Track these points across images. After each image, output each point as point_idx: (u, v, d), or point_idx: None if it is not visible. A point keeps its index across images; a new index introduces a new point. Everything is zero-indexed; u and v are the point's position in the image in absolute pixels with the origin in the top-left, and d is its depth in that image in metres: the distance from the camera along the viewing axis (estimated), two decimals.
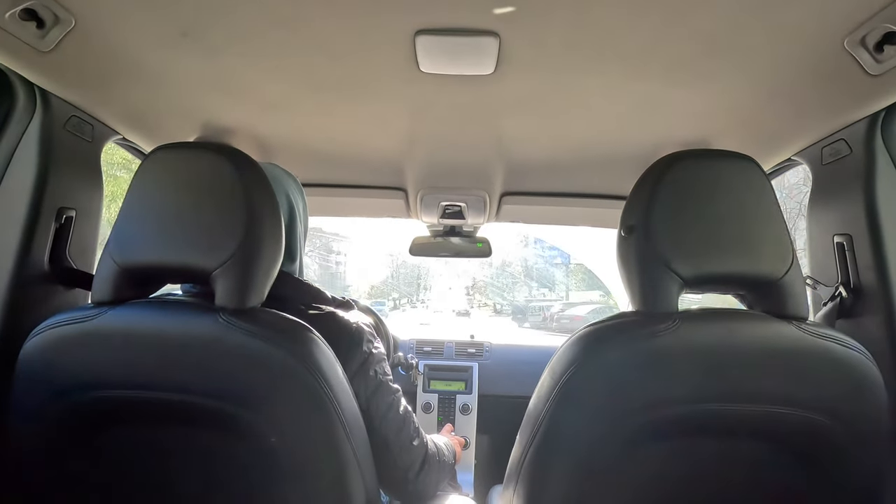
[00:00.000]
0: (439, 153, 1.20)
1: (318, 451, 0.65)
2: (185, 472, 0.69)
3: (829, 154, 0.92)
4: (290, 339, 0.64)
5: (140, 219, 0.67)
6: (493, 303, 12.33)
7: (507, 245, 11.03)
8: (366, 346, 0.80)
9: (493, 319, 11.13)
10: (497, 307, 12.32)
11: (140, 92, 0.90)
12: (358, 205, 1.56)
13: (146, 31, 0.74)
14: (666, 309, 0.65)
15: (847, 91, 0.79)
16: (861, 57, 0.71)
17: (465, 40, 0.72)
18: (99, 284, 0.68)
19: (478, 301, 12.58)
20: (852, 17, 0.66)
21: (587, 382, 0.64)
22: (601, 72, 0.81)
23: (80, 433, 0.66)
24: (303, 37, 0.74)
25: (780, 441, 0.66)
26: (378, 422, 0.79)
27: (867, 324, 0.83)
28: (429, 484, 0.87)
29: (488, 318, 11.70)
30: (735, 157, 0.68)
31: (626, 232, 0.69)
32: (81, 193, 0.89)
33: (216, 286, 0.65)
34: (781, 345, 0.64)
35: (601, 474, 0.65)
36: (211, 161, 0.66)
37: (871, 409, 0.64)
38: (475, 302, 12.59)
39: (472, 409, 1.67)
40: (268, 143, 1.16)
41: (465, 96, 0.90)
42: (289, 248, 0.86)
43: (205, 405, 0.63)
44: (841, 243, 0.88)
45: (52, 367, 0.65)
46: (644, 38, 0.72)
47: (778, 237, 0.66)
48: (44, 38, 0.71)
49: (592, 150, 1.14)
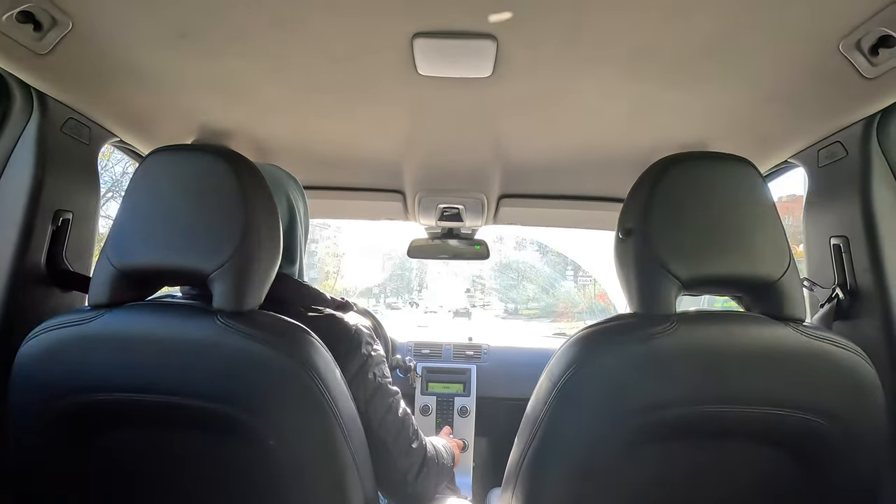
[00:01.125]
0: (437, 156, 1.20)
1: (316, 454, 0.65)
2: (183, 475, 0.69)
3: (825, 156, 0.92)
4: (288, 342, 0.64)
5: (137, 221, 0.67)
6: (503, 304, 11.56)
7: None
8: (364, 349, 0.79)
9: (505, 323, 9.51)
10: (511, 308, 11.37)
11: (137, 94, 0.90)
12: (356, 207, 1.56)
13: (143, 33, 0.74)
14: (664, 311, 0.65)
15: (843, 94, 0.80)
16: (856, 60, 0.71)
17: (463, 43, 0.72)
18: (96, 287, 0.67)
19: (481, 301, 12.06)
20: (847, 21, 0.66)
21: (585, 384, 0.64)
22: (598, 74, 0.81)
23: (78, 436, 0.66)
24: (301, 39, 0.74)
25: (778, 443, 0.66)
26: (377, 424, 0.79)
27: (864, 325, 0.84)
28: (427, 486, 0.87)
29: (500, 320, 10.06)
30: (732, 159, 0.68)
31: (623, 234, 0.69)
32: (78, 196, 0.89)
33: (214, 289, 0.65)
34: (779, 347, 0.64)
35: (600, 476, 0.65)
36: (209, 163, 0.66)
37: (868, 410, 0.64)
38: (477, 301, 12.07)
39: (470, 411, 1.67)
40: (266, 146, 1.16)
41: (463, 99, 0.90)
42: (289, 250, 0.85)
43: (202, 408, 0.63)
44: (837, 245, 0.88)
45: (49, 371, 0.64)
46: (641, 41, 0.72)
47: (775, 239, 0.66)
48: (41, 41, 0.71)
49: (590, 152, 1.14)
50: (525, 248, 9.53)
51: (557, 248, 6.50)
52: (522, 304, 10.54)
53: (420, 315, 10.17)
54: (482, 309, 11.78)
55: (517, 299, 10.81)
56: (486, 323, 8.99)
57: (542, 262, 9.13)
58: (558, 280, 8.73)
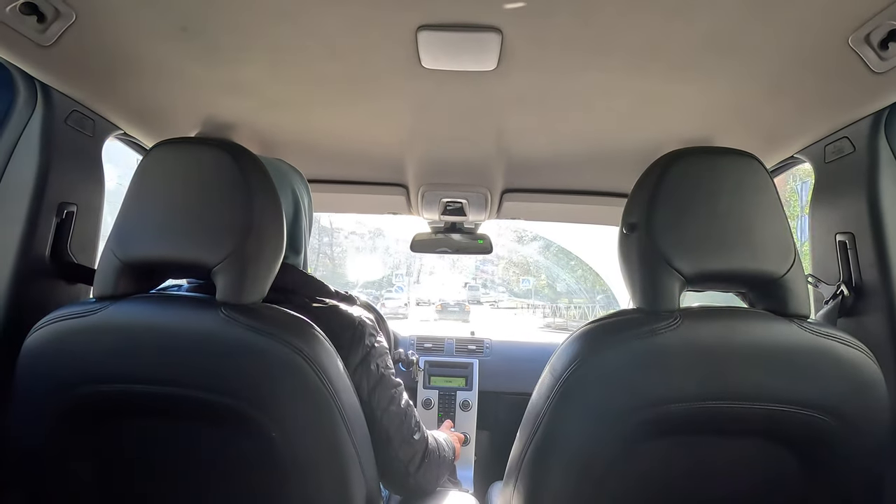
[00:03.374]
0: (441, 149, 1.19)
1: (318, 446, 0.65)
2: (186, 467, 0.69)
3: (831, 152, 0.91)
4: (292, 335, 0.64)
5: (142, 214, 0.67)
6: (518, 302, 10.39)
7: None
8: (368, 340, 0.80)
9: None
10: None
11: (141, 87, 0.90)
12: (359, 201, 1.56)
13: (147, 25, 0.73)
14: (667, 307, 0.65)
15: (851, 89, 0.79)
16: (865, 54, 0.70)
17: (468, 36, 0.72)
18: (101, 279, 0.68)
19: (488, 297, 11.22)
20: (857, 15, 0.65)
21: (588, 380, 0.64)
22: (604, 68, 0.81)
23: (82, 427, 0.66)
24: (304, 32, 0.74)
25: (781, 440, 0.66)
26: (379, 414, 0.79)
27: (869, 322, 0.83)
28: (428, 478, 0.88)
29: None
30: (738, 154, 0.68)
31: (627, 229, 0.69)
32: (83, 188, 0.89)
33: (217, 281, 0.65)
34: (783, 343, 0.64)
35: (602, 471, 0.65)
36: (213, 156, 0.66)
37: (873, 407, 0.64)
38: (482, 297, 11.31)
39: (472, 405, 1.67)
40: (269, 139, 1.16)
41: (467, 92, 0.89)
42: (294, 242, 0.87)
43: (206, 400, 0.63)
44: (843, 241, 0.87)
45: (55, 362, 0.65)
46: (647, 35, 0.72)
47: (780, 235, 0.66)
48: (44, 33, 0.71)
49: (594, 147, 1.14)
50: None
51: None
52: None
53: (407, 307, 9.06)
54: (490, 307, 10.81)
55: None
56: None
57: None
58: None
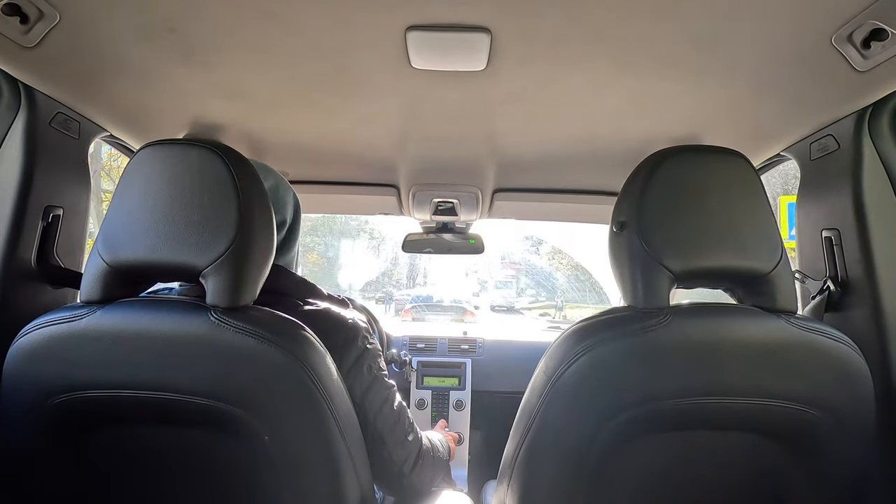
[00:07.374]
0: (431, 149, 1.19)
1: (311, 448, 0.65)
2: (179, 472, 0.69)
3: (817, 149, 0.92)
4: (283, 337, 0.64)
5: (129, 216, 0.66)
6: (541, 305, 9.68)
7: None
8: (361, 342, 0.80)
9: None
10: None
11: (127, 88, 0.89)
12: (350, 202, 1.55)
13: (132, 26, 0.73)
14: (657, 304, 0.66)
15: (835, 87, 0.80)
16: (848, 53, 0.72)
17: (457, 36, 0.72)
18: (88, 283, 0.67)
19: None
20: (840, 14, 0.66)
21: (580, 377, 0.65)
22: (592, 67, 0.81)
23: (70, 434, 0.66)
24: (293, 32, 0.73)
25: (771, 433, 0.67)
26: (373, 416, 0.79)
27: (854, 317, 0.85)
28: (423, 479, 0.88)
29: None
30: (725, 152, 0.69)
31: (617, 228, 0.70)
32: (68, 191, 0.88)
33: (207, 284, 0.64)
34: (771, 338, 0.65)
35: (595, 468, 0.66)
36: (201, 158, 0.65)
37: (859, 400, 0.65)
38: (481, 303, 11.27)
39: (465, 404, 1.67)
40: (258, 140, 1.15)
41: (457, 92, 0.90)
42: (288, 244, 0.87)
43: (197, 404, 0.63)
44: (829, 238, 0.89)
45: (41, 368, 0.64)
46: (635, 34, 0.72)
47: (767, 232, 0.67)
48: (28, 34, 0.70)
49: (584, 146, 1.14)
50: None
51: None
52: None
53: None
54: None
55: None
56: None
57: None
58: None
